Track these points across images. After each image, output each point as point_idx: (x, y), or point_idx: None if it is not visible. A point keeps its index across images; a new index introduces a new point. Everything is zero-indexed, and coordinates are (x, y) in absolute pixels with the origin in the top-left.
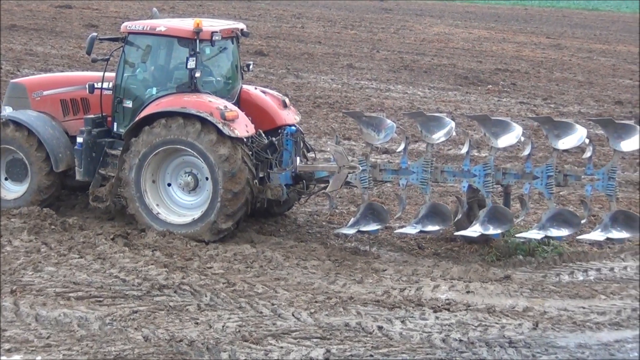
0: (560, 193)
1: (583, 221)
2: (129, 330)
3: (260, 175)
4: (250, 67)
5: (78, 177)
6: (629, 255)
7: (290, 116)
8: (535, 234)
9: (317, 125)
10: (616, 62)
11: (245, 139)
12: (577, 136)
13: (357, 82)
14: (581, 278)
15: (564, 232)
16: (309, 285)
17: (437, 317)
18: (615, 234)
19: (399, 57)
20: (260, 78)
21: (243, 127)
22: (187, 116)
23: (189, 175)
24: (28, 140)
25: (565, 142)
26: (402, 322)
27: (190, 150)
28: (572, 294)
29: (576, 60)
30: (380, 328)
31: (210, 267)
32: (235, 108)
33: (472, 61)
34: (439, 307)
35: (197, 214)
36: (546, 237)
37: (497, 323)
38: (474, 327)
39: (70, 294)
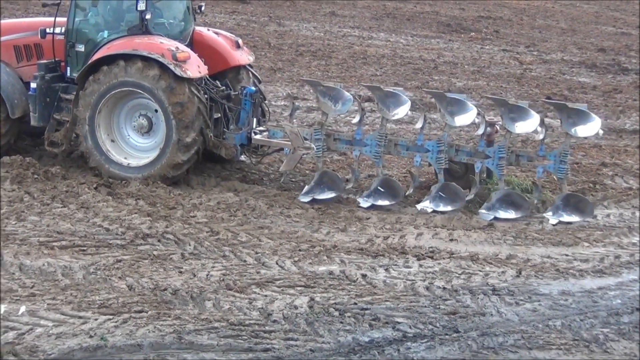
0: None
1: (535, 202)
2: (113, 279)
3: (216, 115)
4: (202, 8)
5: (33, 122)
6: (611, 203)
7: (243, 56)
8: (484, 214)
9: (299, 74)
10: (599, 10)
11: (197, 80)
12: (531, 123)
13: (339, 30)
14: (564, 226)
15: (511, 214)
16: (293, 233)
17: (420, 265)
18: (566, 217)
19: (381, 5)
20: (242, 26)
21: (195, 67)
22: (130, 57)
23: (142, 118)
24: None
25: (520, 127)
26: (386, 270)
27: (140, 91)
28: (555, 242)
29: (559, 7)
30: (364, 276)
31: (194, 216)
32: (186, 49)
33: (454, 8)
34: (422, 255)
35: (156, 152)
36: (495, 218)
37: (480, 271)
38: (457, 275)
39: (54, 243)
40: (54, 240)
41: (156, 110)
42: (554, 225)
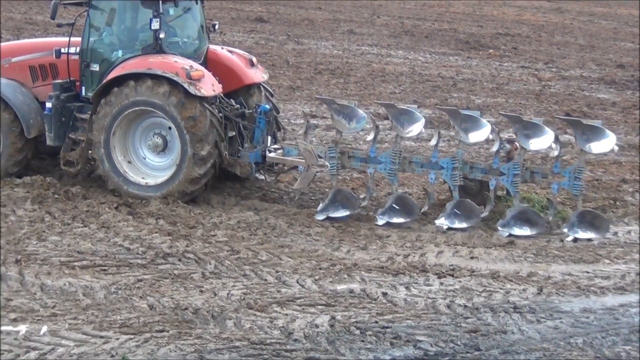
0: None
1: (550, 219)
2: (134, 298)
3: (231, 134)
4: (216, 27)
5: (49, 142)
6: (632, 220)
7: (257, 74)
8: (500, 231)
9: (318, 92)
10: (617, 26)
11: (211, 98)
12: (546, 139)
13: (358, 48)
14: (585, 242)
15: (526, 231)
16: (313, 252)
17: (441, 283)
18: (582, 233)
19: (399, 23)
20: (260, 45)
21: (209, 86)
22: (140, 76)
23: (157, 137)
24: (1, 109)
25: (534, 144)
26: (407, 288)
27: (152, 109)
28: (576, 259)
29: (577, 24)
30: (384, 294)
31: (214, 235)
32: (201, 67)
33: (473, 26)
34: (443, 273)
35: (173, 169)
36: (510, 235)
37: (501, 288)
38: (478, 293)
39: (75, 263)
40: (75, 260)
41: (170, 128)
42: (571, 242)
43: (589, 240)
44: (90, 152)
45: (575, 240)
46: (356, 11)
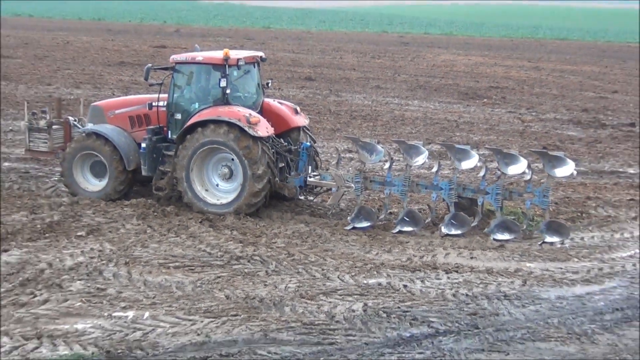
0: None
1: (524, 227)
2: (214, 291)
3: (281, 165)
4: (270, 84)
5: (144, 173)
6: (595, 228)
7: (300, 119)
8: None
9: (353, 132)
10: (582, 79)
11: (265, 138)
12: (521, 166)
13: (383, 99)
14: (559, 245)
15: (506, 236)
16: (350, 254)
17: (448, 277)
18: (549, 238)
19: (415, 79)
20: (309, 97)
21: (264, 128)
22: (206, 123)
23: (224, 167)
24: (107, 146)
25: (512, 170)
26: (422, 281)
27: (217, 146)
28: (552, 258)
29: (551, 78)
30: (405, 286)
31: (275, 242)
32: (257, 115)
33: (470, 81)
34: (449, 269)
35: (239, 188)
36: (493, 239)
37: (494, 281)
38: (476, 285)
39: (170, 264)
40: (169, 262)
41: (232, 159)
42: (548, 244)
43: (562, 243)
44: (175, 182)
45: (551, 244)
46: (382, 71)
